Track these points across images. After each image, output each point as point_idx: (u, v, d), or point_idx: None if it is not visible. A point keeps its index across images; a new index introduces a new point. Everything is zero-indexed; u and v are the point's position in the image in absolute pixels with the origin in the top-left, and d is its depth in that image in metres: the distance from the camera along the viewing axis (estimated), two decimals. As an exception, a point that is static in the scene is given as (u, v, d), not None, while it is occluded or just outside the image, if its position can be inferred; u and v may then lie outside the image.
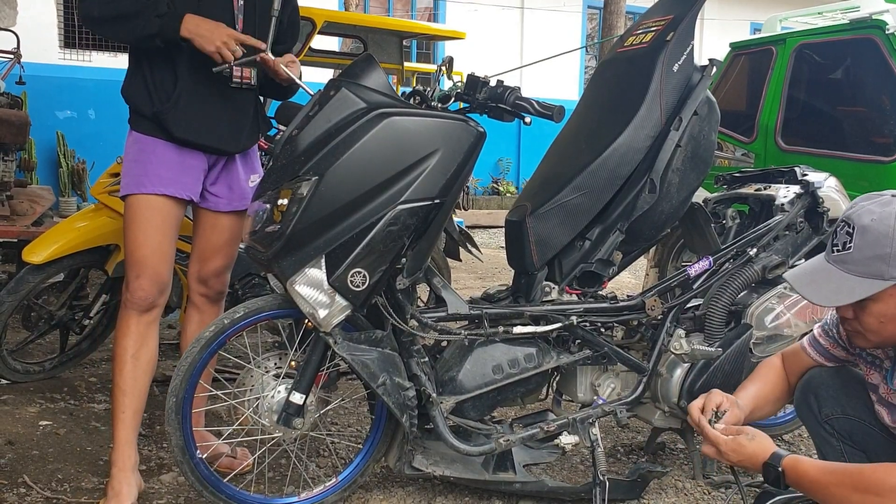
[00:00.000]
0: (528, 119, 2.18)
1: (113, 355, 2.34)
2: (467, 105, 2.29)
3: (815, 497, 1.66)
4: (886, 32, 3.88)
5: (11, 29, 5.62)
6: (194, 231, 2.54)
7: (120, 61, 8.64)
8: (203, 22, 2.21)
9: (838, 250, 1.68)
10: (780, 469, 1.69)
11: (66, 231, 3.17)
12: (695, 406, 1.91)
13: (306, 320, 2.17)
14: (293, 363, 2.24)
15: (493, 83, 2.25)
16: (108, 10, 2.19)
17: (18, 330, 3.54)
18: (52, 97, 8.51)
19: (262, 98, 2.57)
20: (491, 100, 2.21)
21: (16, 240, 3.68)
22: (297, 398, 2.17)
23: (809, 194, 2.70)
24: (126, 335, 2.33)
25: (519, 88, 2.20)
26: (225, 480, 2.27)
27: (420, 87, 2.31)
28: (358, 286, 2.08)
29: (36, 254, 3.07)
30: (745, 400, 1.96)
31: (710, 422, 1.86)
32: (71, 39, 8.91)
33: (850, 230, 1.66)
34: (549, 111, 2.16)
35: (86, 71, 8.85)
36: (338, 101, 2.11)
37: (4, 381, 3.28)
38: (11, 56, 5.12)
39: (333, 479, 2.39)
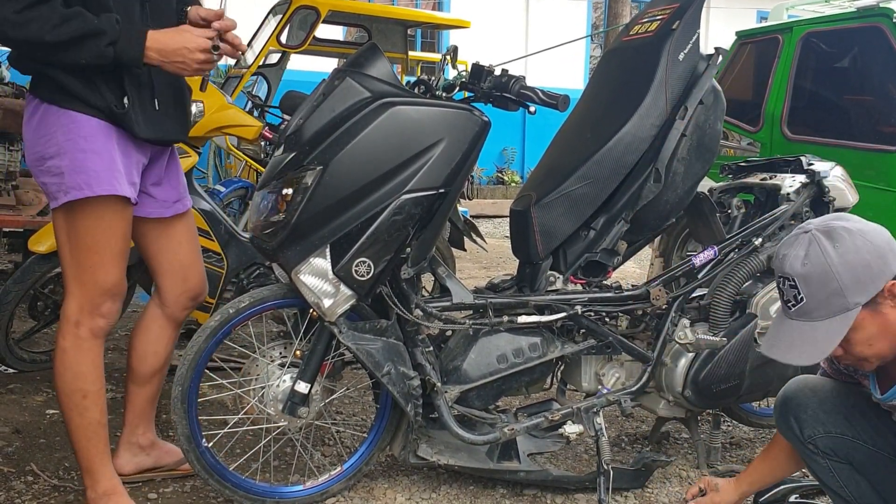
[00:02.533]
0: (532, 108, 2.17)
1: (74, 391, 2.03)
2: (472, 94, 2.29)
3: None
4: (894, 20, 3.86)
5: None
6: (150, 250, 2.20)
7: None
8: (166, 40, 1.88)
9: (794, 305, 1.68)
10: None
11: (71, 221, 3.17)
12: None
13: (311, 310, 2.17)
14: (298, 352, 2.25)
15: (497, 72, 2.25)
16: (61, 33, 1.78)
17: (25, 319, 3.55)
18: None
19: (267, 87, 2.54)
20: (496, 89, 2.21)
21: (22, 229, 3.69)
22: (303, 387, 2.18)
23: (815, 184, 2.69)
24: (98, 367, 2.05)
25: (524, 77, 2.20)
26: (231, 469, 2.29)
27: (424, 77, 2.31)
28: (363, 276, 2.08)
29: (42, 243, 3.08)
30: (745, 478, 2.12)
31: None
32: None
33: (793, 283, 1.66)
34: (554, 100, 2.15)
35: (90, 60, 8.85)
36: (342, 91, 2.11)
37: (11, 370, 3.30)
38: (16, 46, 5.11)
39: (338, 468, 2.40)
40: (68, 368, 2.03)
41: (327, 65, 7.04)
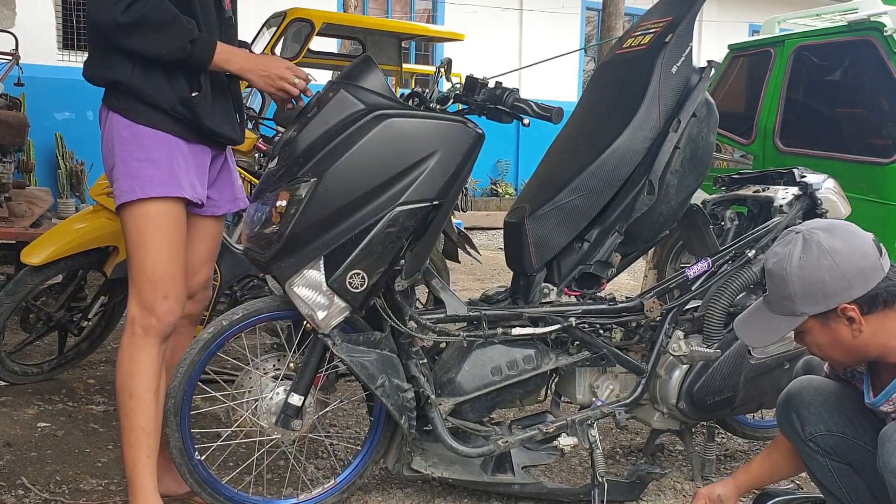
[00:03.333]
0: (526, 120, 2.18)
1: (123, 389, 2.07)
2: (466, 106, 2.29)
3: None
4: (884, 34, 3.89)
5: (10, 30, 5.61)
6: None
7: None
8: (251, 56, 2.08)
9: (764, 292, 1.82)
10: None
11: (64, 233, 3.16)
12: None
13: (305, 322, 2.16)
14: (292, 365, 2.24)
15: (491, 85, 2.25)
16: (162, 12, 1.94)
17: (17, 331, 3.53)
18: (51, 99, 8.49)
19: (261, 98, 2.56)
20: (489, 101, 2.21)
21: (14, 241, 3.68)
22: (296, 399, 2.17)
23: (808, 196, 2.70)
24: (148, 368, 2.07)
25: (517, 90, 2.20)
26: (224, 482, 2.27)
27: (419, 89, 2.31)
28: (357, 288, 2.08)
29: (34, 255, 3.07)
30: (742, 475, 2.11)
31: None
32: (69, 41, 8.91)
33: (764, 273, 1.80)
34: (548, 112, 2.16)
35: (84, 72, 8.85)
36: (336, 103, 2.11)
37: (3, 383, 3.27)
38: (10, 57, 5.12)
39: (332, 481, 2.38)
40: (121, 365, 2.08)
41: (321, 77, 7.05)
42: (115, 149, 2.03)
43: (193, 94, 2.03)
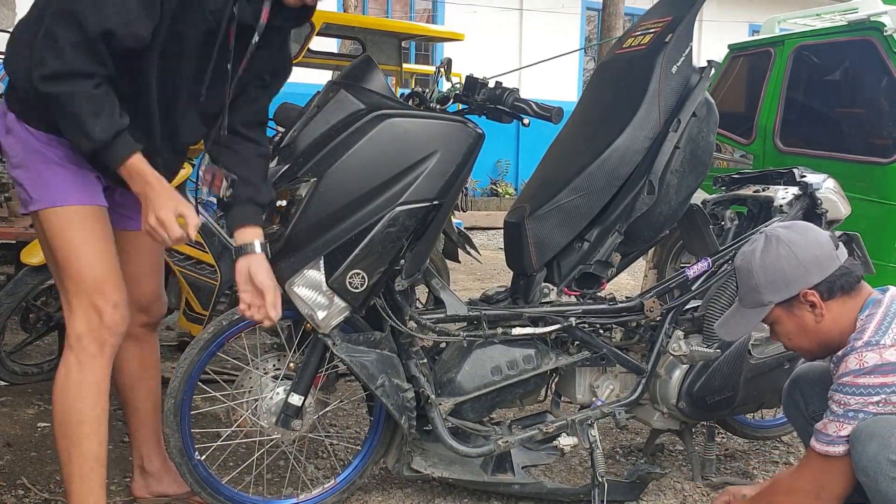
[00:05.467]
0: (526, 120, 2.18)
1: (71, 415, 1.88)
2: (466, 106, 2.29)
3: None
4: (884, 34, 3.89)
5: (10, 30, 5.61)
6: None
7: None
8: (163, 186, 1.81)
9: (737, 290, 2.00)
10: None
11: (64, 232, 3.16)
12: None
13: (305, 322, 2.16)
14: (292, 364, 2.24)
15: (491, 84, 2.25)
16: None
17: (17, 331, 3.53)
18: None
19: None
20: (489, 101, 2.21)
21: (14, 241, 3.67)
22: (296, 399, 2.17)
23: (808, 196, 2.70)
24: (102, 390, 1.89)
25: (517, 90, 2.20)
26: (224, 482, 2.27)
27: (419, 89, 2.31)
28: (357, 287, 2.08)
29: (34, 255, 3.07)
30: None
31: None
32: (70, 41, 8.90)
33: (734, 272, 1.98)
34: (548, 112, 2.16)
35: (84, 72, 8.84)
36: (336, 103, 2.11)
37: (3, 383, 3.27)
38: (10, 57, 5.12)
39: (332, 481, 2.38)
40: (68, 389, 1.88)
41: (321, 77, 7.05)
42: (18, 150, 1.85)
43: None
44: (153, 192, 1.80)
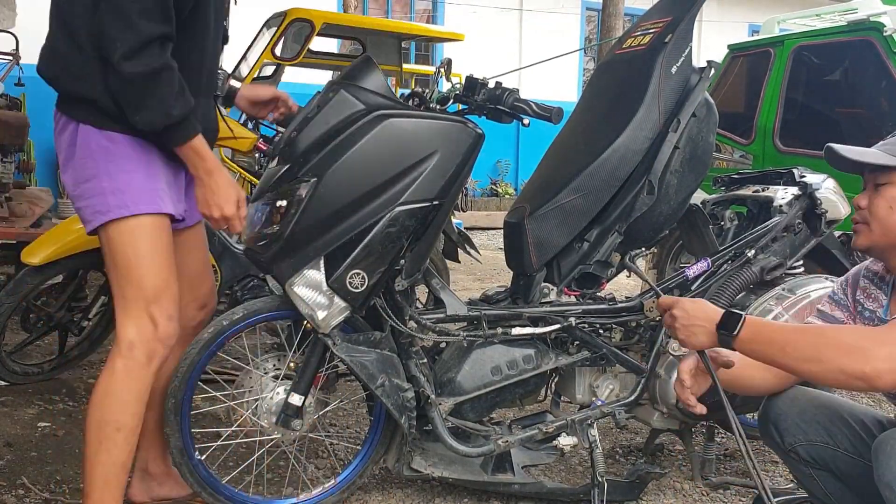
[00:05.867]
0: (526, 121, 2.18)
1: (109, 422, 1.87)
2: (465, 107, 2.29)
3: (769, 353, 1.64)
4: (884, 34, 3.89)
5: (10, 31, 5.62)
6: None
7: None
8: (220, 168, 1.88)
9: (886, 140, 1.82)
10: (742, 319, 1.65)
11: (64, 233, 3.17)
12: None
13: (305, 321, 2.17)
14: (292, 364, 2.24)
15: (491, 85, 2.26)
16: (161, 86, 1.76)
17: (17, 331, 3.54)
18: (51, 99, 8.45)
19: None
20: (489, 101, 2.22)
21: (14, 241, 3.68)
22: (296, 399, 2.17)
23: (807, 196, 2.70)
24: (143, 399, 1.90)
25: (517, 90, 2.20)
26: (224, 482, 2.27)
27: (419, 89, 2.32)
28: (357, 287, 2.08)
29: (34, 255, 3.07)
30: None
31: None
32: (70, 41, 8.90)
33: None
34: (548, 113, 2.16)
35: (84, 72, 8.84)
36: (336, 103, 2.11)
37: (3, 383, 3.28)
38: (10, 58, 5.12)
39: (332, 481, 2.39)
40: (111, 394, 1.86)
41: (322, 77, 7.06)
42: (95, 160, 1.83)
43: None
44: (215, 182, 1.87)
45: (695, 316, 1.71)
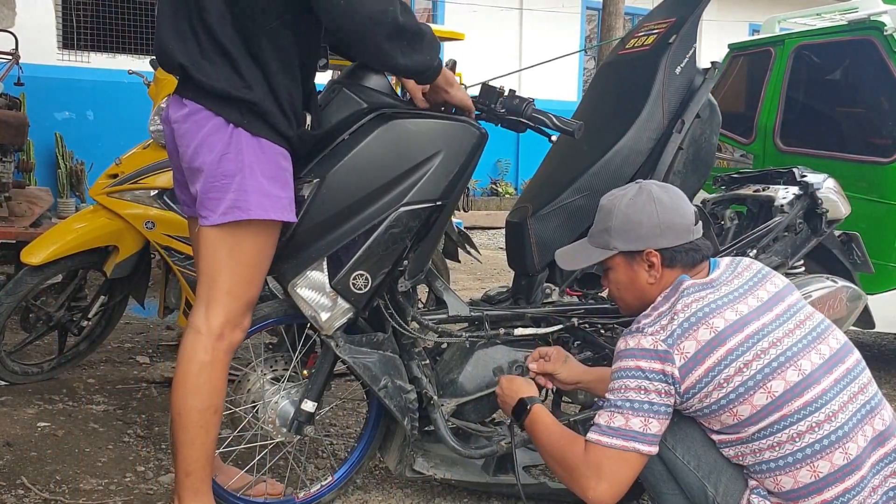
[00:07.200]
0: (554, 137, 2.18)
1: (208, 407, 1.98)
2: (478, 113, 2.26)
3: (537, 444, 1.92)
4: (885, 33, 3.89)
5: (10, 30, 5.61)
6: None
7: (118, 62, 8.62)
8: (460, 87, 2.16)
9: (594, 225, 2.00)
10: (528, 408, 1.93)
11: (64, 232, 3.16)
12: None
13: (307, 324, 2.16)
14: (305, 370, 2.24)
15: (506, 93, 2.23)
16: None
17: (17, 331, 3.53)
18: (51, 98, 8.48)
19: None
20: (508, 112, 2.19)
21: (14, 241, 3.67)
22: (309, 406, 2.17)
23: (808, 195, 2.70)
24: (226, 383, 2.03)
25: (532, 100, 2.18)
26: (226, 486, 2.27)
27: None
28: (360, 289, 2.07)
29: (34, 255, 3.06)
30: (595, 372, 2.15)
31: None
32: (69, 40, 8.89)
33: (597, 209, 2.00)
34: (570, 127, 2.13)
35: (84, 72, 8.84)
36: (339, 102, 2.11)
37: (3, 383, 3.27)
38: (10, 57, 5.11)
39: (330, 478, 2.39)
40: (207, 382, 1.97)
41: (322, 77, 7.04)
42: (243, 159, 1.90)
43: (311, 130, 2.03)
44: (457, 90, 2.14)
45: (506, 394, 2.03)
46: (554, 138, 2.17)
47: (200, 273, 2.02)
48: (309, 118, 2.05)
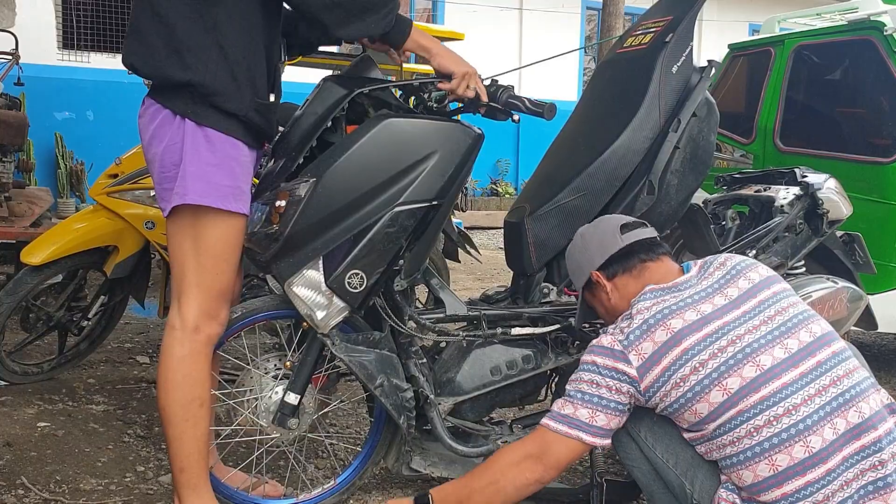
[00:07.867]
0: (516, 117, 2.18)
1: (192, 400, 2.01)
2: (461, 104, 2.27)
3: None
4: (884, 33, 3.89)
5: (10, 30, 5.61)
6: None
7: (118, 62, 8.62)
8: (440, 44, 2.13)
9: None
10: (429, 496, 1.96)
11: (64, 232, 3.17)
12: None
13: (304, 321, 2.16)
14: (287, 363, 2.24)
15: (486, 83, 2.24)
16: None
17: (17, 331, 3.53)
18: (51, 98, 8.50)
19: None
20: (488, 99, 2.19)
21: (14, 241, 3.68)
22: (292, 398, 2.17)
23: (809, 196, 2.70)
24: (209, 375, 2.05)
25: (512, 87, 2.19)
26: (223, 481, 2.27)
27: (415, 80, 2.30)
28: (356, 288, 2.07)
29: (34, 255, 3.07)
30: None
31: None
32: (69, 40, 8.91)
33: None
34: (540, 108, 2.14)
35: (84, 72, 8.85)
36: (322, 92, 2.11)
37: (3, 383, 3.27)
38: (10, 57, 5.12)
39: (332, 482, 2.38)
40: (187, 376, 2.00)
41: (321, 77, 7.03)
42: (184, 148, 1.92)
43: (271, 101, 2.02)
44: (445, 52, 2.12)
45: None
46: (516, 118, 2.18)
47: (171, 268, 2.06)
48: (273, 98, 2.08)
